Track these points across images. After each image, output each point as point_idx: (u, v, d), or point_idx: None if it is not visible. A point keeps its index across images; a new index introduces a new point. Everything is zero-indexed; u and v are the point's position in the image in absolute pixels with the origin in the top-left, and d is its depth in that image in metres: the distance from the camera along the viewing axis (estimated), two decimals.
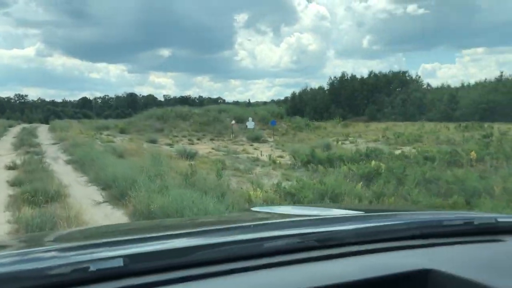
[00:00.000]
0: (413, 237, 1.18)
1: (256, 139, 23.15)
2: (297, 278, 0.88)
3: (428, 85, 62.90)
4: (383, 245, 1.10)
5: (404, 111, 51.43)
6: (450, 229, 1.27)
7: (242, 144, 21.63)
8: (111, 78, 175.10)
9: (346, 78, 65.32)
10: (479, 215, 1.41)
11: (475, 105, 47.23)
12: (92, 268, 0.82)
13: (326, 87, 66.91)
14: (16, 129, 28.05)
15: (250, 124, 26.04)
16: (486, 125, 29.23)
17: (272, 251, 0.98)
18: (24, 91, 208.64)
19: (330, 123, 36.98)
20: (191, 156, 14.32)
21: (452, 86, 57.23)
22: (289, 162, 14.15)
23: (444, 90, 55.00)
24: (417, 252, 1.09)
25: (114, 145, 16.82)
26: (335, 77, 66.17)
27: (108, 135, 23.50)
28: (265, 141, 23.03)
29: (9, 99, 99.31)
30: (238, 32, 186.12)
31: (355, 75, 64.69)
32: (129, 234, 1.29)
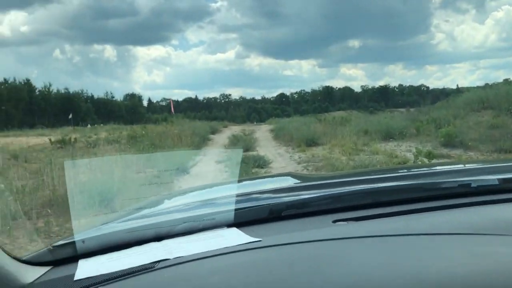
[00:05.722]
0: None
1: None
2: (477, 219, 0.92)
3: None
4: None
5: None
6: None
7: None
8: (303, 74, 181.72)
9: None
10: None
11: None
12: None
13: None
14: (223, 139, 18.36)
15: None
16: None
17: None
18: (227, 91, 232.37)
19: None
20: None
21: None
22: None
23: None
24: None
25: None
26: None
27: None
28: None
29: (215, 99, 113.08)
30: (434, 13, 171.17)
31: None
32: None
